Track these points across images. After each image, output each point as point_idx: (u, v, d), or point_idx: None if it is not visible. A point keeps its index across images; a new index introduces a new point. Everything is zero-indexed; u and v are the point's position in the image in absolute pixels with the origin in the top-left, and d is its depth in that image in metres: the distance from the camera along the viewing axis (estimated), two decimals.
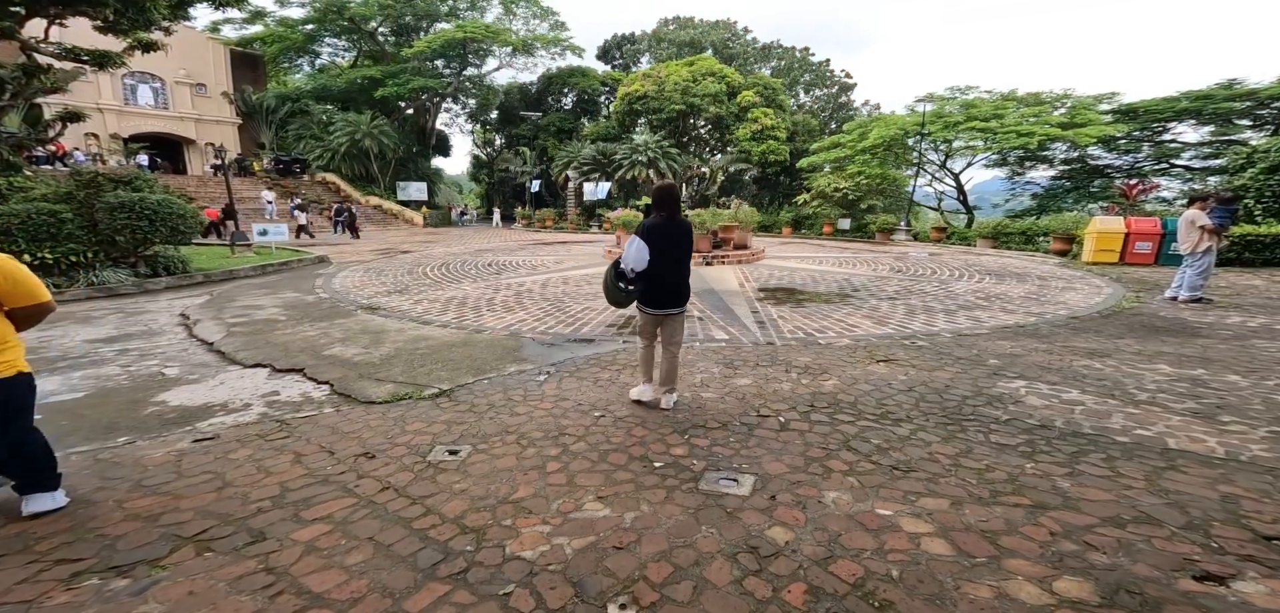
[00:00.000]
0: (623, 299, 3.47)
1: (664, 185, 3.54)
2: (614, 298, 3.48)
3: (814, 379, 4.23)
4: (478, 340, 5.51)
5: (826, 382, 4.18)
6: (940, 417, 3.44)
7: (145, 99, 27.00)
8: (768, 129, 25.10)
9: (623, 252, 3.34)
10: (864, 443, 3.12)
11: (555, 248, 16.04)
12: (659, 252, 3.31)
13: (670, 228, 3.36)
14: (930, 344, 5.15)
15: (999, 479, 2.65)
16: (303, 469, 2.97)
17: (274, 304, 7.21)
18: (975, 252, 14.07)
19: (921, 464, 2.83)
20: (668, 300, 3.49)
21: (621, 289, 3.40)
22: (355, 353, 5.05)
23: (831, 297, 7.87)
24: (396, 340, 5.49)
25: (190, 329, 5.94)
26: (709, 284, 8.86)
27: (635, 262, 3.27)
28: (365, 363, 4.76)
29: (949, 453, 2.95)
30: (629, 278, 3.33)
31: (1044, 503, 2.44)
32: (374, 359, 4.88)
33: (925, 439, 3.13)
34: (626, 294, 3.43)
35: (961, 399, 3.72)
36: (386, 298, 7.70)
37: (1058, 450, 2.94)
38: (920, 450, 2.99)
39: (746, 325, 6.08)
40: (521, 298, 7.75)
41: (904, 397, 3.80)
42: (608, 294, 3.49)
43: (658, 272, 3.35)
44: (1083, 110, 15.97)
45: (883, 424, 3.36)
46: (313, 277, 9.69)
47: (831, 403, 3.74)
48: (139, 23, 14.76)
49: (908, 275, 9.85)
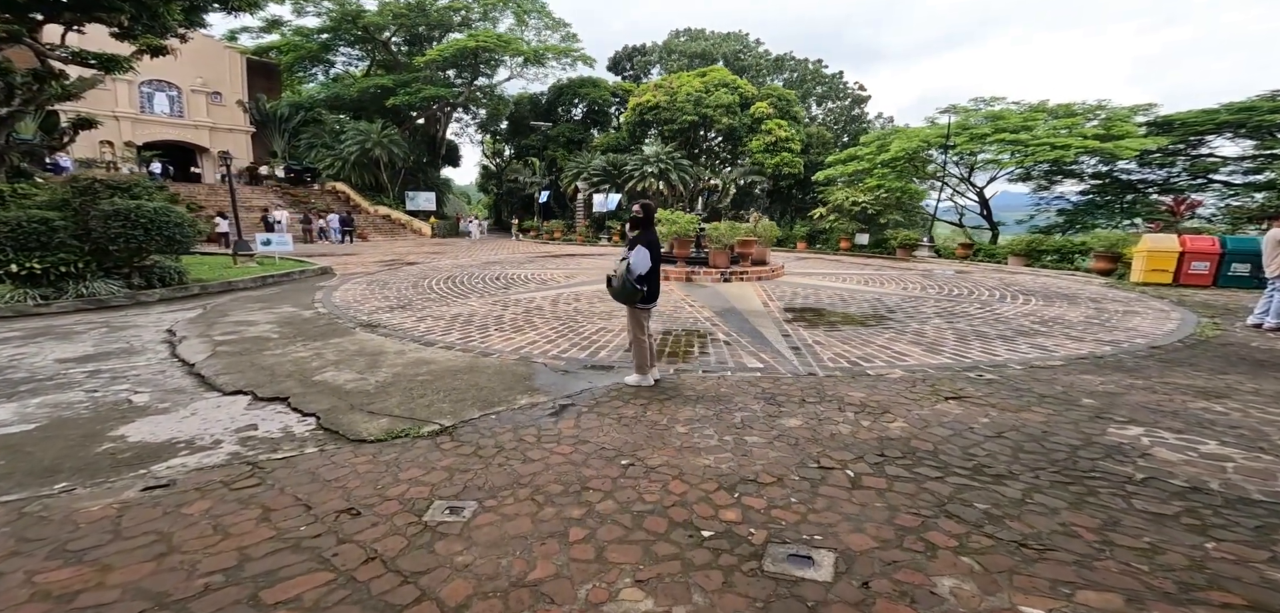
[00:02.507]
0: (634, 297, 4.20)
1: (650, 202, 4.68)
2: (629, 295, 4.20)
3: (875, 420, 3.62)
4: (484, 366, 4.96)
5: (892, 423, 3.56)
6: (1053, 473, 2.82)
7: (161, 107, 27.17)
8: (782, 141, 24.62)
9: (632, 260, 4.17)
10: (967, 508, 2.50)
11: (564, 261, 15.56)
12: (655, 259, 4.27)
13: (655, 239, 4.38)
14: (1001, 378, 4.52)
15: (1179, 566, 2.03)
16: (270, 530, 2.43)
17: (268, 320, 6.73)
18: (1008, 270, 13.34)
19: (1057, 540, 2.21)
20: (655, 297, 4.39)
21: (636, 288, 4.17)
22: (349, 379, 4.51)
23: (867, 319, 7.25)
24: (395, 364, 4.95)
25: (174, 347, 5.45)
26: (730, 303, 8.28)
27: (642, 267, 4.17)
28: (359, 391, 4.22)
29: (1089, 525, 2.32)
30: (637, 280, 4.15)
31: (1264, 603, 1.81)
32: (369, 387, 4.33)
33: (1047, 503, 2.51)
34: (637, 292, 4.19)
35: (1071, 450, 3.09)
36: (388, 314, 7.20)
37: (1236, 525, 2.31)
38: (1048, 520, 2.37)
39: (780, 352, 5.48)
40: (531, 316, 7.21)
41: (995, 445, 3.18)
42: (622, 293, 4.20)
43: (653, 274, 4.25)
44: (1118, 122, 15.27)
45: (981, 482, 2.74)
46: (314, 290, 9.24)
47: (906, 451, 3.13)
48: (154, 29, 14.72)
49: (944, 295, 9.19)
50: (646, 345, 4.36)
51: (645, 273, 4.15)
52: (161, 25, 15.17)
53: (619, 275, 4.13)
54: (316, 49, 31.86)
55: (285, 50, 31.30)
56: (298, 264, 11.96)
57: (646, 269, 4.15)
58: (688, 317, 7.22)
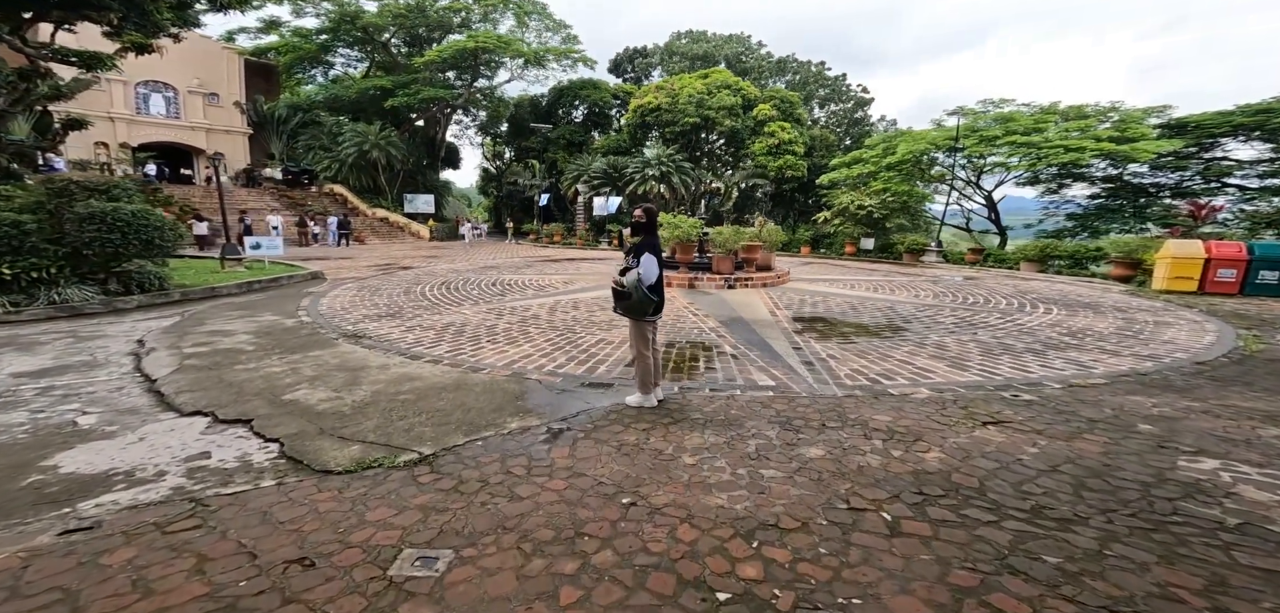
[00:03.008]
0: (648, 306, 3.85)
1: (653, 206, 4.33)
2: (641, 309, 3.86)
3: (907, 449, 3.22)
4: (474, 383, 4.56)
5: (927, 453, 3.16)
6: (1128, 517, 2.42)
7: (157, 108, 26.89)
8: (785, 143, 24.27)
9: (642, 269, 3.79)
10: (1034, 562, 2.11)
11: (563, 266, 15.18)
12: (661, 266, 3.95)
13: (659, 244, 4.05)
14: (1040, 399, 4.11)
15: None
16: (201, 586, 2.05)
17: (246, 329, 6.34)
18: (1020, 276, 12.92)
19: (1158, 607, 1.81)
20: (661, 307, 3.99)
21: (649, 298, 3.81)
22: (323, 398, 4.12)
23: (881, 329, 6.85)
24: (377, 380, 4.56)
25: (139, 361, 5.06)
26: (736, 312, 7.89)
27: (652, 276, 3.82)
28: (332, 412, 3.83)
29: (1192, 586, 1.93)
30: (649, 288, 3.81)
31: None
32: (344, 407, 3.94)
33: (1131, 557, 2.12)
34: (650, 301, 3.83)
35: (1143, 488, 2.69)
36: (375, 324, 6.81)
37: None
38: (1139, 579, 1.98)
39: (792, 367, 5.08)
40: (527, 326, 6.82)
41: (1051, 481, 2.78)
42: (635, 307, 3.83)
43: (660, 283, 3.93)
44: (1132, 124, 14.89)
45: (1044, 528, 2.35)
46: (301, 296, 8.86)
47: (948, 488, 2.74)
48: (144, 27, 14.43)
49: (960, 304, 8.78)
50: (652, 362, 3.97)
51: (655, 282, 3.84)
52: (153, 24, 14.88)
53: (631, 285, 3.78)
54: (315, 50, 31.63)
55: (284, 51, 31.06)
56: (288, 269, 11.58)
57: (656, 278, 3.82)
58: (692, 326, 6.83)
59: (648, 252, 3.81)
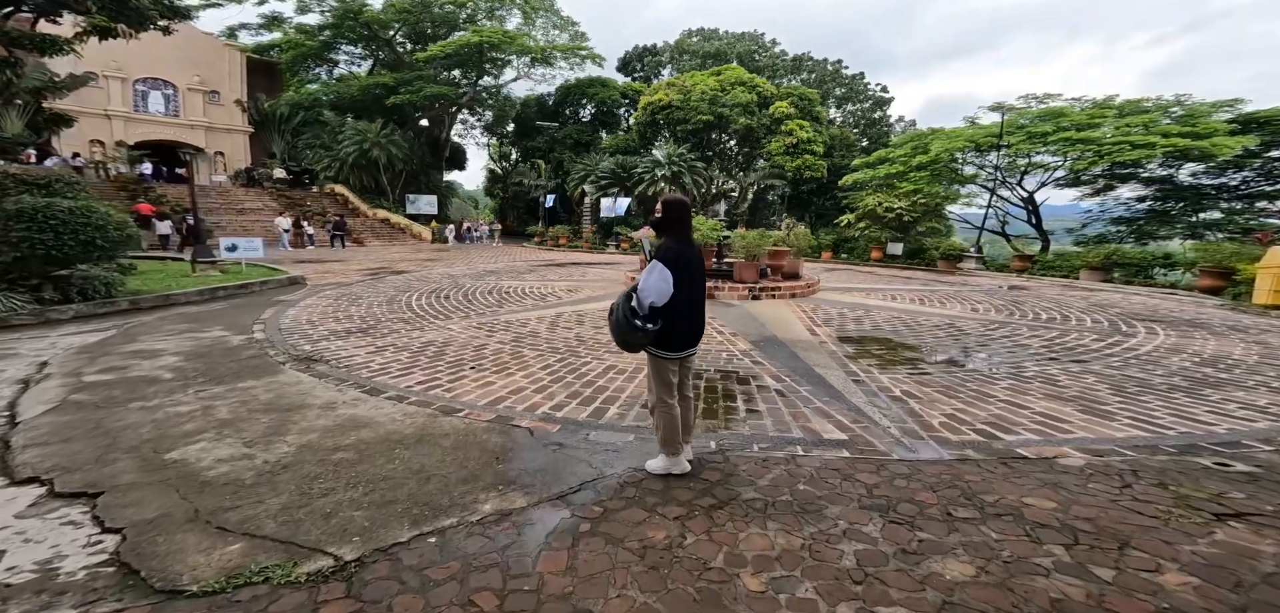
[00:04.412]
0: (638, 342, 2.71)
1: (678, 200, 2.88)
2: (627, 339, 2.72)
3: (1121, 566, 2.00)
4: (442, 432, 3.40)
5: (1159, 573, 1.94)
6: None
7: (156, 106, 26.28)
8: (804, 143, 22.99)
9: (640, 284, 2.63)
10: None
11: (568, 271, 14.05)
12: (683, 281, 2.66)
13: (690, 252, 2.77)
14: (1260, 467, 2.86)
15: None
16: None
17: (178, 349, 5.22)
18: (1081, 287, 11.49)
19: None
20: (695, 337, 2.86)
21: (639, 329, 2.63)
22: (224, 457, 2.98)
23: (954, 355, 5.61)
24: (311, 428, 3.41)
25: (23, 392, 3.97)
26: (768, 329, 6.68)
27: (657, 294, 2.60)
28: (227, 482, 2.69)
29: None
30: (645, 315, 2.62)
31: None
32: (248, 473, 2.80)
33: None
34: (643, 334, 2.65)
35: None
36: (339, 342, 5.69)
37: None
38: None
39: (860, 410, 3.88)
40: (521, 345, 5.67)
41: None
42: (619, 334, 2.72)
43: (681, 304, 2.68)
44: (1199, 118, 13.44)
45: None
46: (269, 305, 7.78)
47: None
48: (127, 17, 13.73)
49: (1034, 322, 7.47)
50: (677, 416, 2.81)
51: (661, 305, 2.61)
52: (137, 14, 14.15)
53: (617, 307, 2.68)
54: (318, 48, 30.93)
55: (286, 48, 30.41)
56: (268, 272, 10.57)
57: (663, 298, 2.59)
58: (719, 348, 5.63)
59: (660, 259, 2.62)
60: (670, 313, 2.64)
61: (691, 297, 2.74)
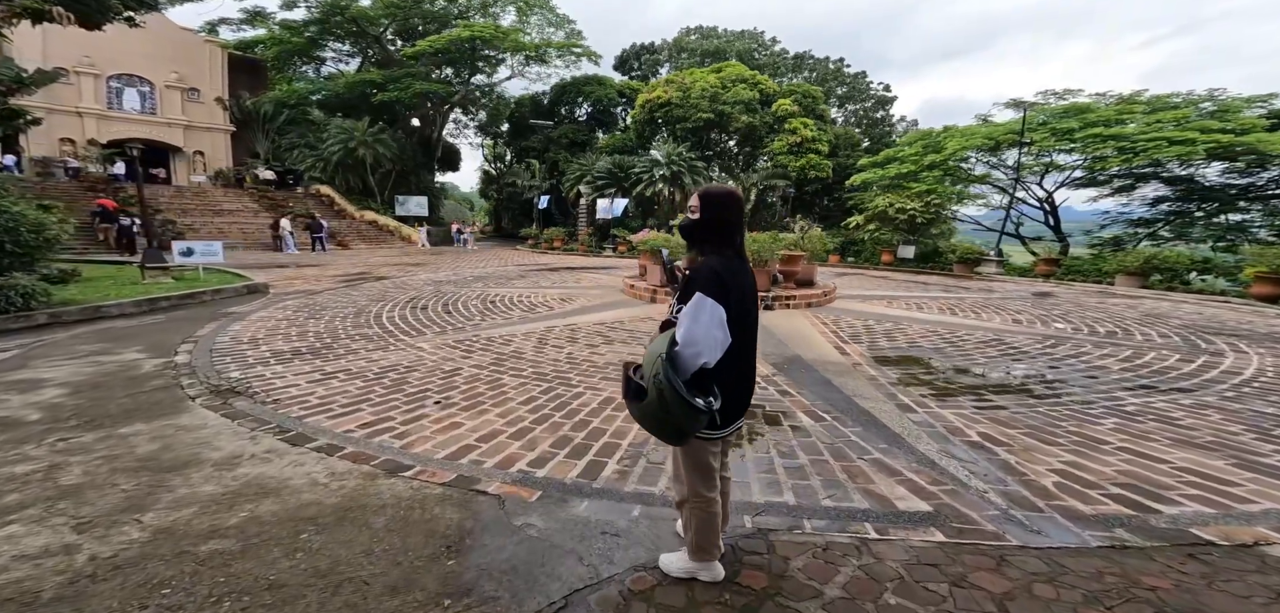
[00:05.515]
0: (695, 426, 1.60)
1: (725, 192, 1.82)
2: (682, 425, 1.57)
3: None
4: (377, 504, 2.47)
5: None
6: None
7: (131, 103, 25.13)
8: (808, 141, 22.15)
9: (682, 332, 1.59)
10: None
11: (562, 276, 13.10)
12: (737, 322, 1.65)
13: (743, 276, 1.75)
14: None
15: None
16: None
17: (67, 380, 4.23)
18: (1119, 293, 10.61)
19: None
20: (747, 400, 1.85)
21: (697, 410, 1.54)
22: (34, 549, 2.02)
23: (1026, 381, 4.71)
24: (188, 499, 2.46)
25: None
26: (789, 347, 5.78)
27: (709, 347, 1.59)
28: (13, 596, 1.73)
29: None
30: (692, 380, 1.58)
31: None
32: (56, 579, 1.85)
33: None
34: (705, 413, 1.57)
35: None
36: (280, 366, 4.72)
37: None
38: None
39: (932, 460, 3.00)
40: (501, 369, 4.73)
41: None
42: (661, 419, 1.57)
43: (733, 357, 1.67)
44: (1233, 113, 12.66)
45: None
46: (213, 319, 6.79)
47: None
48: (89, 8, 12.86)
49: (1094, 337, 6.55)
50: (718, 513, 1.88)
51: (714, 364, 1.63)
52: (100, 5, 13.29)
53: (651, 372, 1.58)
54: (304, 45, 29.88)
55: (270, 45, 29.35)
56: (230, 278, 9.57)
57: (718, 351, 1.62)
58: None
59: (702, 290, 1.61)
60: (724, 378, 1.69)
61: (745, 343, 1.76)
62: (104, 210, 16.95)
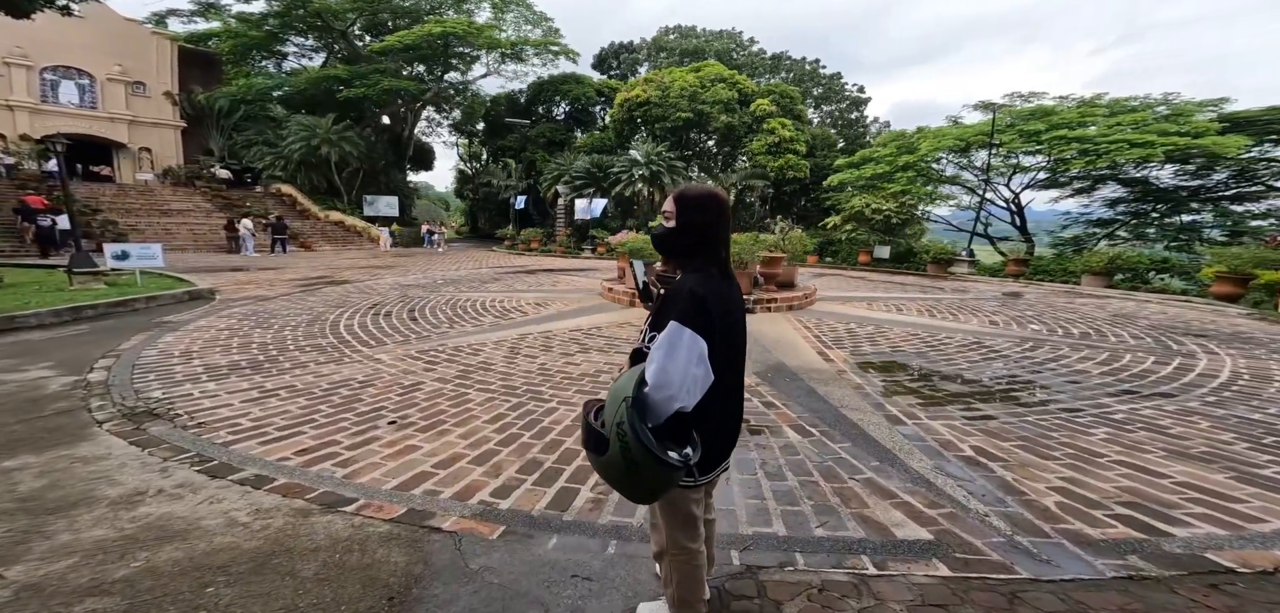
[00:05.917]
0: (669, 484, 1.29)
1: (708, 194, 1.45)
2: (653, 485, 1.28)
3: None
4: (308, 546, 2.12)
5: None
6: None
7: (68, 96, 23.35)
8: (786, 142, 22.26)
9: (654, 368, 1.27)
10: None
11: (539, 278, 12.69)
12: (721, 351, 1.35)
13: (730, 295, 1.43)
14: None
15: None
16: None
17: None
18: (1085, 293, 10.90)
19: None
20: (733, 439, 1.53)
21: (672, 465, 1.23)
22: None
23: (1012, 387, 4.63)
24: (71, 546, 2.04)
25: None
26: (772, 354, 5.59)
27: (687, 388, 1.28)
28: None
29: None
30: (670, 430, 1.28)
31: None
32: None
33: None
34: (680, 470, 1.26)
35: None
36: (214, 383, 4.23)
37: None
38: None
39: (925, 477, 2.81)
40: (468, 383, 4.36)
41: None
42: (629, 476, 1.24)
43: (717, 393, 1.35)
44: (1187, 116, 13.23)
45: None
46: (146, 329, 6.17)
47: None
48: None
49: (1072, 339, 6.58)
50: (703, 564, 1.59)
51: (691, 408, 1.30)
52: None
53: (613, 420, 1.24)
54: (263, 38, 28.42)
55: (226, 38, 27.80)
56: (171, 283, 8.80)
57: (698, 390, 1.29)
58: None
59: (679, 320, 1.28)
60: (704, 412, 1.34)
61: (732, 383, 1.45)
62: (26, 207, 15.60)
